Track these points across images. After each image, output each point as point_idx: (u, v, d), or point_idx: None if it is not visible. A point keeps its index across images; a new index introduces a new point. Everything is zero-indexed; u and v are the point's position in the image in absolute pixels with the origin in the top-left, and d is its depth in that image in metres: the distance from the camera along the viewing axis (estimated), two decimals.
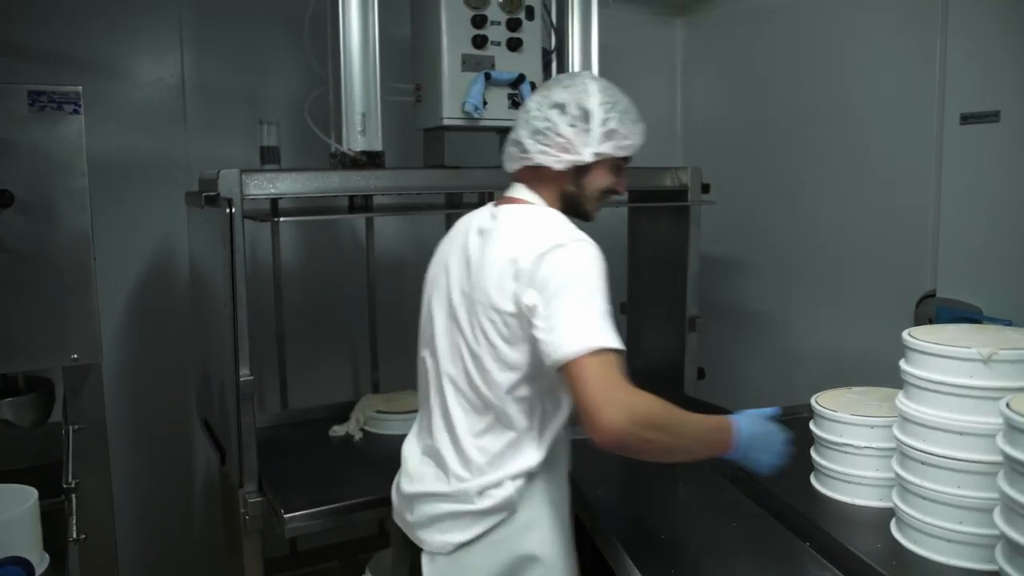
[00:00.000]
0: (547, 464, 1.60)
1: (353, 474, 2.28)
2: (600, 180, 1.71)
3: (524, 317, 1.50)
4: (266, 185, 2.08)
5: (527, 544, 1.59)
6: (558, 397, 1.59)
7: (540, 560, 1.59)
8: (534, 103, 1.69)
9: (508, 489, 1.57)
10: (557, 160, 1.65)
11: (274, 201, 2.45)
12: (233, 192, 2.01)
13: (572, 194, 1.70)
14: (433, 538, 1.63)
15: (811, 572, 1.56)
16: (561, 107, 1.65)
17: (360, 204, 2.41)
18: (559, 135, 1.64)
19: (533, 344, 1.49)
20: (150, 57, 2.78)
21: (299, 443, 2.54)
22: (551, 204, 1.70)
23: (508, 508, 1.57)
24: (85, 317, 1.98)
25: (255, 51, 2.89)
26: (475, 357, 1.60)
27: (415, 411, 2.53)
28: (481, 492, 1.58)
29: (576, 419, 1.46)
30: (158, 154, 2.78)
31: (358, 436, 2.53)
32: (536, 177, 1.70)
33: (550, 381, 1.55)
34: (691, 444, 1.51)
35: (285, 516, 1.96)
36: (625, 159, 1.73)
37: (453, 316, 1.66)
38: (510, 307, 1.53)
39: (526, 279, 1.50)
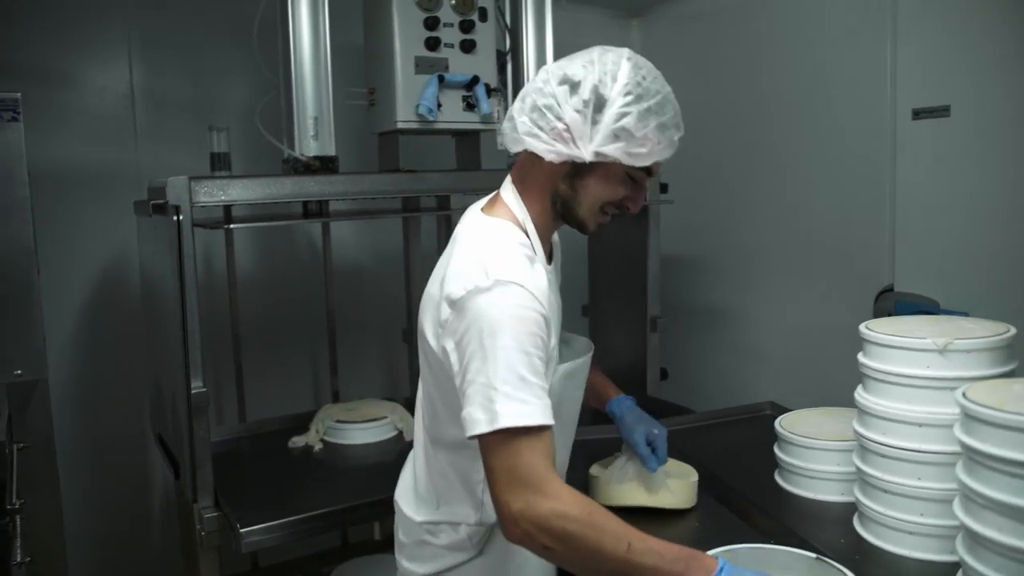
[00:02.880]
0: None
1: (313, 486, 2.23)
2: (600, 190, 1.39)
3: (444, 360, 1.35)
4: (216, 192, 2.03)
5: None
6: None
7: None
8: (545, 73, 1.39)
9: (462, 532, 1.48)
10: (549, 149, 1.35)
11: (227, 208, 2.41)
12: (182, 199, 1.96)
13: (566, 197, 1.41)
14: (402, 564, 1.58)
15: None
16: (573, 85, 1.34)
17: (314, 210, 2.37)
18: (559, 119, 1.34)
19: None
20: (97, 66, 2.72)
21: (257, 455, 2.49)
22: (536, 206, 1.44)
23: (465, 549, 1.48)
24: (29, 331, 1.93)
25: (205, 58, 2.84)
26: (427, 393, 1.50)
27: (376, 420, 2.53)
28: (438, 526, 1.50)
29: None
30: (108, 164, 2.72)
31: (318, 447, 2.48)
32: (529, 166, 1.43)
33: None
34: (623, 568, 1.19)
35: (241, 530, 1.91)
36: (646, 170, 1.39)
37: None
38: (432, 342, 1.39)
39: (448, 327, 1.32)
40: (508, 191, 1.47)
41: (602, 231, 2.96)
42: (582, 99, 1.32)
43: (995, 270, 2.13)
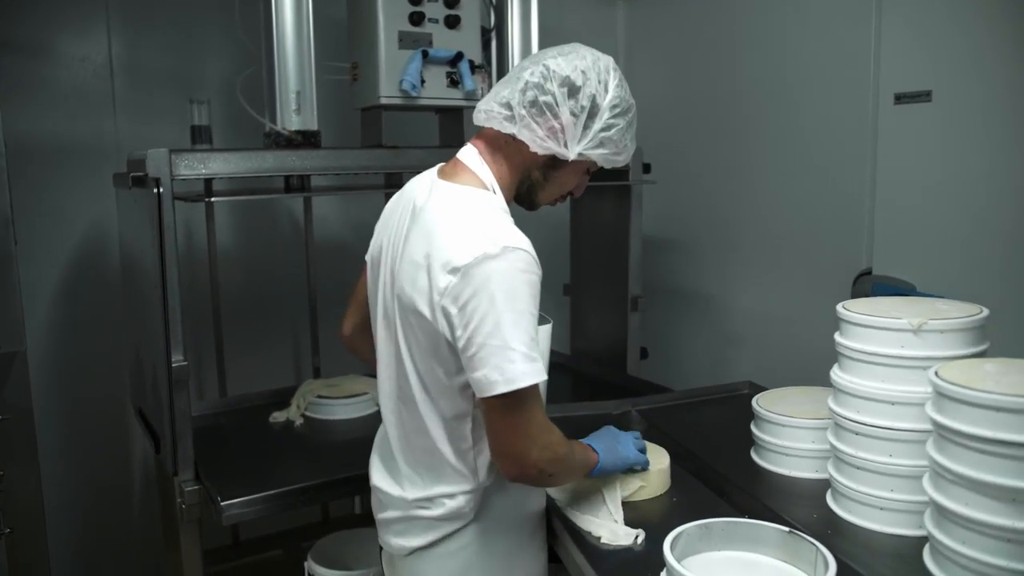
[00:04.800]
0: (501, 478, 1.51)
1: (294, 460, 2.24)
2: (569, 180, 1.57)
3: (442, 329, 1.39)
4: (197, 165, 2.02)
5: (479, 555, 1.54)
6: None
7: (492, 571, 1.56)
8: (543, 69, 1.46)
9: (460, 501, 1.51)
10: (540, 144, 1.46)
11: (208, 182, 2.40)
12: (162, 172, 1.95)
13: (535, 182, 1.54)
14: (390, 541, 1.61)
15: None
16: (572, 89, 1.44)
17: (296, 184, 2.36)
18: (556, 119, 1.45)
19: (458, 363, 1.40)
20: (75, 36, 2.68)
21: (238, 430, 2.49)
22: (503, 181, 1.51)
23: (463, 516, 1.52)
24: (6, 303, 1.92)
25: (186, 29, 2.81)
26: (415, 370, 1.49)
27: (357, 395, 2.54)
28: (433, 500, 1.52)
29: None
30: (86, 136, 2.70)
31: (299, 422, 2.49)
32: (505, 146, 1.51)
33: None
34: (577, 472, 1.61)
35: (222, 503, 1.91)
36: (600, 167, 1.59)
37: (387, 315, 1.54)
38: (426, 311, 1.40)
39: (449, 292, 1.35)
40: (473, 160, 1.52)
41: (584, 212, 3.01)
42: (580, 104, 1.45)
43: (970, 254, 2.16)
